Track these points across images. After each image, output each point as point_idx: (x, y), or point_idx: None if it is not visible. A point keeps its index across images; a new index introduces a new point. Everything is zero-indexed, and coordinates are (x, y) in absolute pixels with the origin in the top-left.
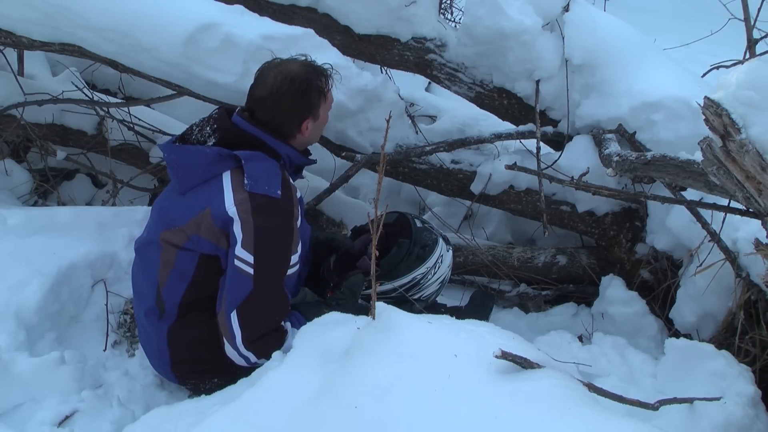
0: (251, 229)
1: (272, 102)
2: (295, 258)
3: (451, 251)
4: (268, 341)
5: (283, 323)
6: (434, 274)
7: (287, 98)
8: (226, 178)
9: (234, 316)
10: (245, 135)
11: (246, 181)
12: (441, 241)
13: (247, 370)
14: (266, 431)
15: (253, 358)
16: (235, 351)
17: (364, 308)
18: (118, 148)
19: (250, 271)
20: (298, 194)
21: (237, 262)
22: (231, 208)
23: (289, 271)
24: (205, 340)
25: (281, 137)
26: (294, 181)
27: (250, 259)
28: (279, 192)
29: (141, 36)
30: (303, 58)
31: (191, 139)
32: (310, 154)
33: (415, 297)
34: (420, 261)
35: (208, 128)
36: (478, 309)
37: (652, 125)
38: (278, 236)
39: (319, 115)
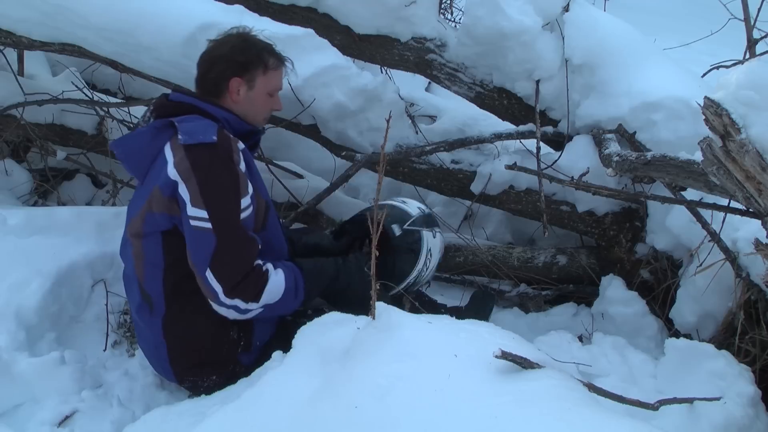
0: (195, 185)
1: (212, 50)
2: (246, 201)
3: (437, 235)
4: (249, 282)
5: (260, 263)
6: (428, 269)
7: (227, 46)
8: (167, 147)
9: (209, 274)
10: (179, 105)
11: (180, 137)
12: (424, 235)
13: (246, 369)
14: (266, 431)
15: (242, 304)
16: (222, 306)
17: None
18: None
19: (208, 225)
20: (241, 146)
21: (193, 222)
22: (172, 171)
23: (245, 214)
24: (201, 327)
25: (213, 99)
26: (252, 155)
27: (204, 214)
28: (214, 137)
29: (141, 36)
30: (272, 43)
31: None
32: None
33: (414, 289)
34: (408, 268)
35: (148, 114)
36: (478, 309)
37: (652, 125)
38: (223, 182)
39: (254, 85)
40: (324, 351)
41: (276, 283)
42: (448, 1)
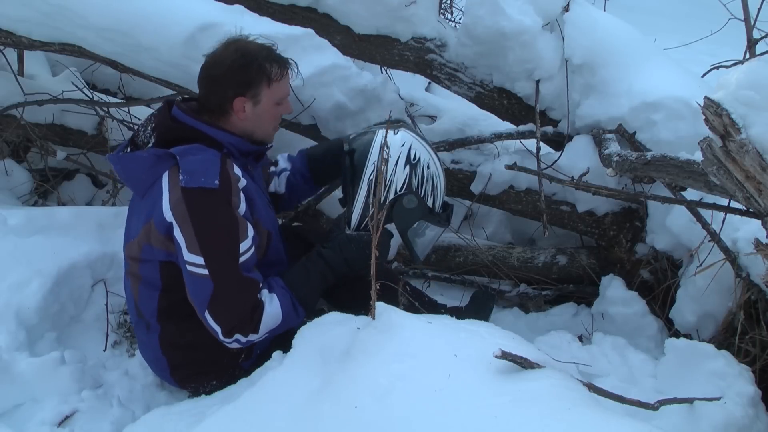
0: (191, 231)
1: (210, 69)
2: (246, 244)
3: (401, 132)
4: (245, 322)
5: (258, 297)
6: (387, 162)
7: (224, 66)
8: (165, 179)
9: (207, 316)
10: (182, 128)
11: (181, 177)
12: (380, 132)
13: (247, 371)
14: (266, 431)
15: (242, 338)
16: (224, 342)
17: (354, 238)
18: (116, 147)
19: (205, 272)
20: (243, 183)
21: (189, 267)
22: (168, 213)
23: (244, 258)
24: (198, 342)
25: (218, 121)
26: (254, 168)
27: (200, 260)
28: (216, 182)
29: (141, 36)
30: (271, 44)
31: (138, 141)
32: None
33: (392, 197)
34: (360, 166)
35: (149, 128)
36: (478, 309)
37: (652, 125)
38: (220, 229)
39: (259, 100)
40: (324, 351)
41: (272, 312)
42: (448, 1)
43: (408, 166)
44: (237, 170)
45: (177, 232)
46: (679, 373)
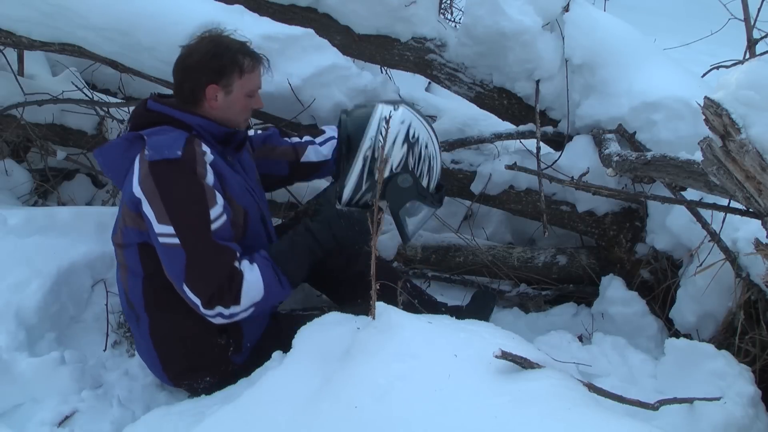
0: (159, 202)
1: (185, 58)
2: (216, 211)
3: (401, 109)
4: (225, 291)
5: (235, 265)
6: (386, 138)
7: (198, 55)
8: (136, 161)
9: (185, 288)
10: (154, 115)
11: (146, 152)
12: (380, 107)
13: (240, 367)
14: (266, 431)
15: (224, 311)
16: (207, 316)
17: (344, 214)
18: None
19: (176, 240)
20: (210, 158)
21: (161, 239)
22: (136, 188)
23: (216, 225)
24: (186, 333)
25: (191, 108)
26: (234, 158)
27: (171, 229)
28: (179, 152)
29: (141, 36)
30: (246, 40)
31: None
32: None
33: (387, 175)
34: (356, 139)
35: (127, 122)
36: (478, 309)
37: (652, 125)
38: (187, 196)
39: (231, 90)
40: (324, 351)
41: (252, 281)
42: (448, 1)
43: (406, 145)
44: (204, 147)
45: (146, 207)
46: (679, 373)
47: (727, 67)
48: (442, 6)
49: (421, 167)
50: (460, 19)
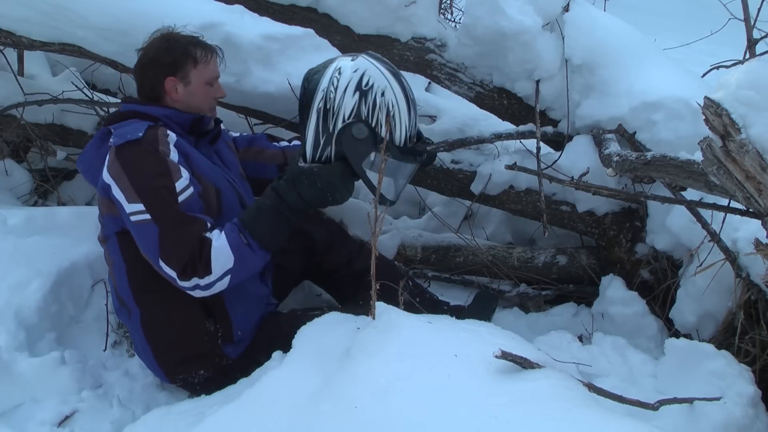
0: (126, 182)
1: (141, 59)
2: (181, 183)
3: (359, 58)
4: (197, 260)
5: (206, 235)
6: (337, 89)
7: (151, 51)
8: (108, 154)
9: (161, 264)
10: (122, 112)
11: (111, 140)
12: (338, 59)
13: (234, 362)
14: (266, 431)
15: (200, 281)
16: (186, 289)
17: (305, 170)
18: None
19: (147, 216)
20: (173, 139)
21: (133, 218)
22: (105, 174)
23: (183, 197)
24: (176, 322)
25: (154, 102)
26: (210, 150)
27: (141, 206)
28: (139, 134)
29: (141, 36)
30: (198, 35)
31: None
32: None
33: (340, 126)
34: (310, 94)
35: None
36: (480, 309)
37: (652, 125)
38: (151, 171)
39: (189, 81)
40: (324, 351)
41: (219, 246)
42: (448, 1)
43: (358, 93)
44: (168, 132)
45: (116, 191)
46: (679, 373)
47: (727, 67)
48: (442, 6)
49: (376, 116)
50: (460, 19)
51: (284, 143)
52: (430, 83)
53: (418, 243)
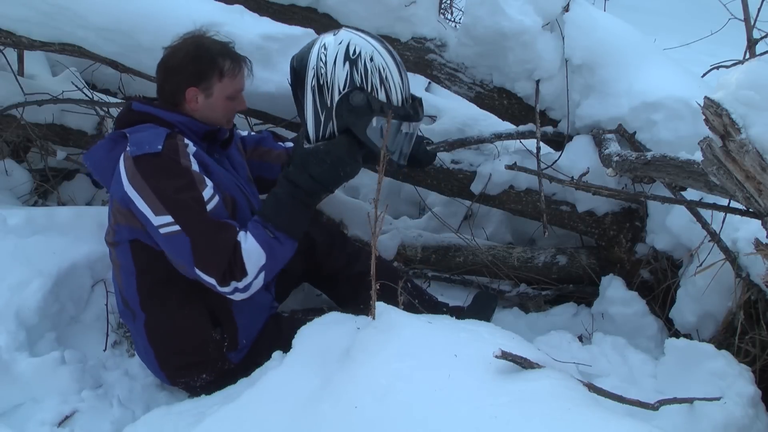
0: (152, 195)
1: (166, 60)
2: (208, 192)
3: (341, 32)
4: (233, 265)
5: (237, 238)
6: (326, 63)
7: (179, 57)
8: (121, 159)
9: (198, 272)
10: (137, 114)
11: (128, 149)
12: (320, 37)
13: (237, 366)
14: (266, 431)
15: (239, 284)
16: (227, 294)
17: (312, 151)
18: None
19: (177, 227)
20: (192, 149)
21: (162, 231)
22: (128, 187)
23: (211, 205)
24: (181, 328)
25: (172, 107)
26: (221, 155)
27: (169, 218)
28: (159, 146)
29: (141, 36)
30: (229, 41)
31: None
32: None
33: (338, 98)
34: (301, 75)
35: (113, 124)
36: (480, 309)
37: (652, 125)
38: (178, 184)
39: (211, 93)
40: (324, 351)
41: (249, 247)
42: (448, 1)
43: (347, 63)
44: (186, 141)
45: (140, 204)
46: (679, 373)
47: (727, 67)
48: (442, 6)
49: (371, 81)
50: (460, 19)
51: (288, 144)
52: (430, 83)
53: (418, 243)
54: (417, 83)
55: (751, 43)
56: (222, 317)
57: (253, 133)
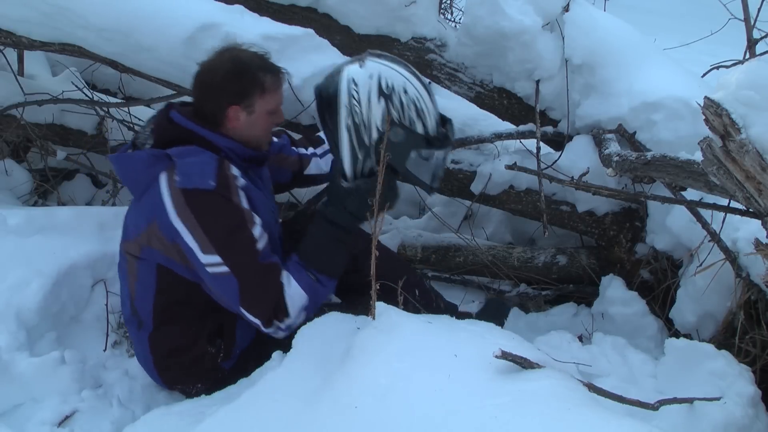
0: (201, 233)
1: (204, 77)
2: (257, 230)
3: (367, 63)
4: (278, 308)
5: (282, 280)
6: (360, 101)
7: (218, 75)
8: (163, 181)
9: (243, 312)
10: (180, 130)
11: (177, 178)
12: (345, 69)
13: (228, 372)
14: (266, 431)
15: (282, 325)
16: (269, 333)
17: (352, 190)
18: (118, 148)
19: (225, 269)
20: (241, 182)
21: (209, 269)
22: (175, 219)
23: (261, 244)
24: (185, 347)
25: (216, 127)
26: (256, 172)
27: (218, 259)
28: (212, 182)
29: (141, 36)
30: (264, 52)
31: (137, 143)
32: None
33: (374, 136)
34: (333, 113)
35: (148, 130)
36: (490, 318)
37: (652, 125)
38: (230, 224)
39: (254, 110)
40: (324, 350)
41: (292, 293)
42: (448, 1)
43: (382, 98)
44: (235, 170)
45: (187, 238)
46: (679, 373)
47: (727, 67)
48: (442, 6)
49: (408, 115)
50: (460, 19)
51: (301, 150)
52: (430, 83)
53: (418, 243)
54: None
55: (751, 43)
56: (227, 331)
57: (276, 140)
